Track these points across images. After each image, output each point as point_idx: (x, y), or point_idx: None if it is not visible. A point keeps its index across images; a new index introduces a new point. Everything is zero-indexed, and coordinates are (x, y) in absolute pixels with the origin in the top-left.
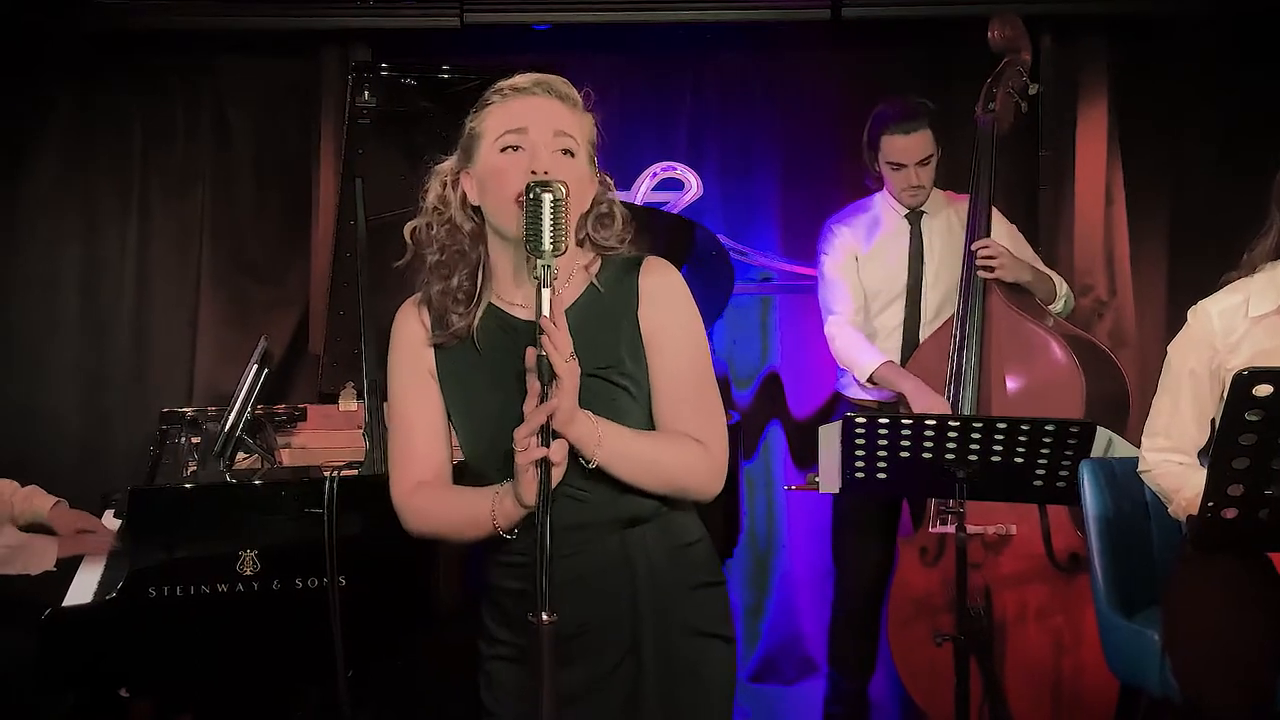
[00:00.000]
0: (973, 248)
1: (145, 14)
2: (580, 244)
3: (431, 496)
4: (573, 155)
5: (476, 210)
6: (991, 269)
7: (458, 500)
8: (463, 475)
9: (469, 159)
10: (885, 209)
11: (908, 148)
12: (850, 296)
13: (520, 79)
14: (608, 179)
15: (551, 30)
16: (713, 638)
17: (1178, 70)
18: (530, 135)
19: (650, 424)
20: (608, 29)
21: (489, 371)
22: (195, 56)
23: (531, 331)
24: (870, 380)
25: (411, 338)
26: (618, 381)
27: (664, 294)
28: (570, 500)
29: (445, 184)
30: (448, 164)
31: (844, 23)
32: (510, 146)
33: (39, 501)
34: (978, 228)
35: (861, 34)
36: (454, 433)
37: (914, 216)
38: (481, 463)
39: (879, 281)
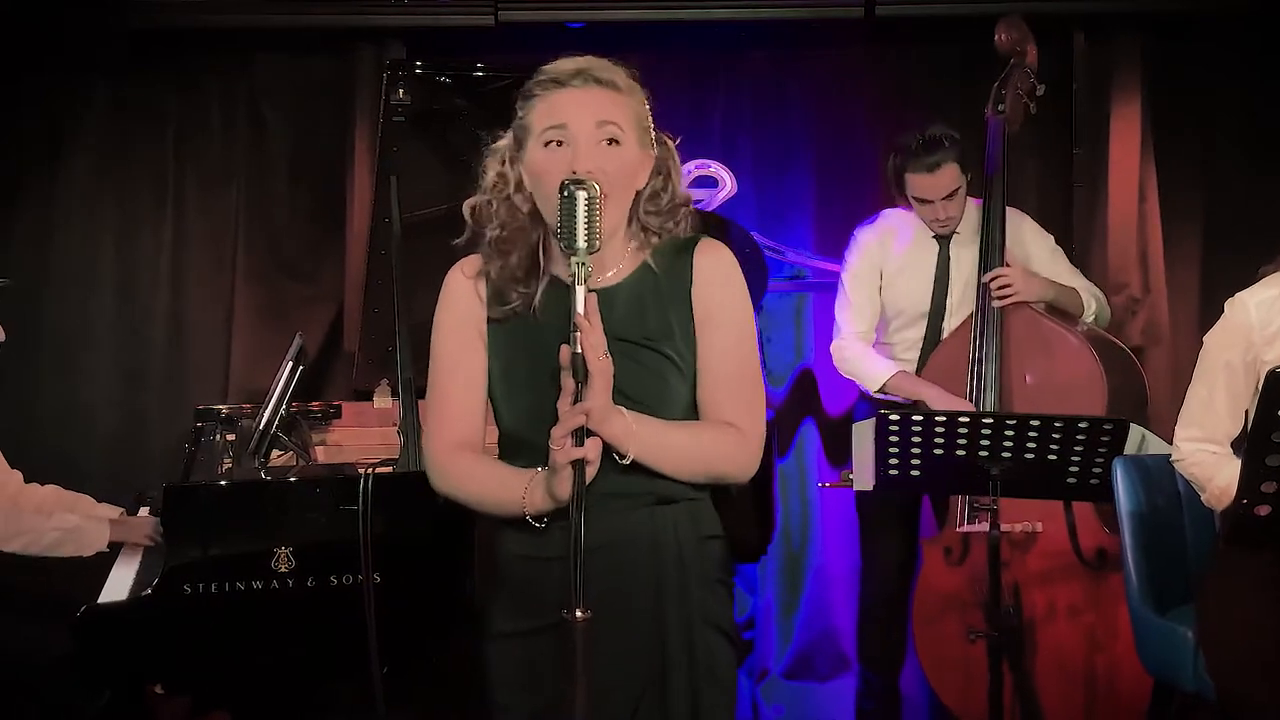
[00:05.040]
0: (984, 280)
1: (181, 11)
2: (629, 224)
3: (468, 463)
4: (618, 143)
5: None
6: (1006, 297)
7: (492, 475)
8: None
9: (520, 149)
10: (917, 221)
11: (933, 184)
12: (861, 316)
13: (562, 67)
14: (668, 140)
15: (585, 28)
16: (726, 636)
17: (1211, 68)
18: (571, 130)
19: (694, 403)
20: (641, 27)
21: (541, 343)
22: (230, 54)
23: (594, 300)
24: (881, 390)
25: (465, 300)
26: (668, 354)
27: (718, 273)
28: (607, 471)
29: (504, 162)
30: (504, 143)
31: (877, 21)
32: (553, 142)
33: (103, 513)
34: (993, 242)
35: (895, 32)
36: (491, 406)
37: (944, 239)
38: (522, 433)
39: (902, 300)
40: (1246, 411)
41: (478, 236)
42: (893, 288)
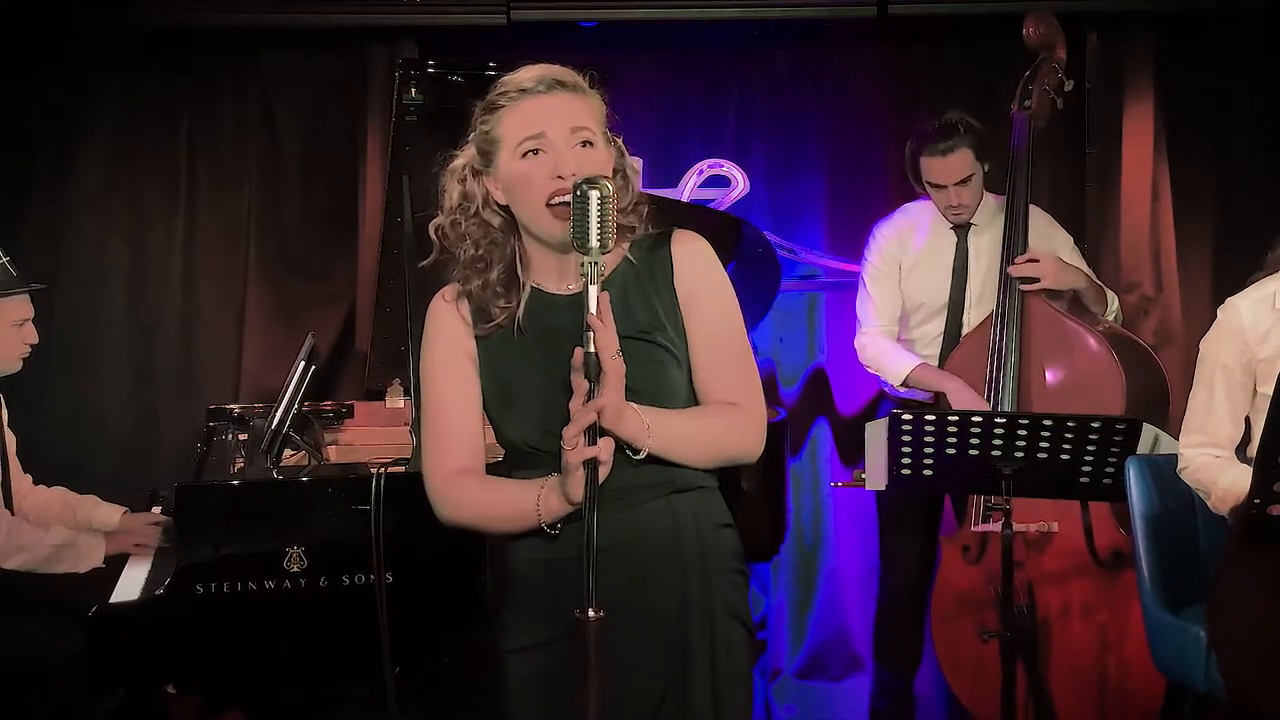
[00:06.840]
0: (1015, 261)
1: (192, 10)
2: None
3: (472, 486)
4: (592, 145)
5: (504, 206)
6: (1034, 280)
7: (500, 492)
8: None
9: (489, 163)
10: (935, 214)
11: (946, 169)
12: (885, 310)
13: (525, 77)
14: (618, 141)
15: (598, 27)
16: (745, 627)
17: (1224, 67)
18: (549, 137)
19: (692, 389)
20: (654, 26)
21: (533, 352)
22: (242, 53)
23: (576, 304)
24: (904, 384)
25: (450, 326)
26: (662, 343)
27: (698, 260)
28: (622, 464)
29: (465, 180)
30: (461, 161)
31: (890, 19)
32: (531, 151)
33: (105, 513)
34: (1016, 238)
35: (908, 31)
36: (488, 423)
37: (961, 230)
38: (527, 444)
39: (921, 294)
40: (1248, 418)
41: (445, 259)
42: (912, 280)
